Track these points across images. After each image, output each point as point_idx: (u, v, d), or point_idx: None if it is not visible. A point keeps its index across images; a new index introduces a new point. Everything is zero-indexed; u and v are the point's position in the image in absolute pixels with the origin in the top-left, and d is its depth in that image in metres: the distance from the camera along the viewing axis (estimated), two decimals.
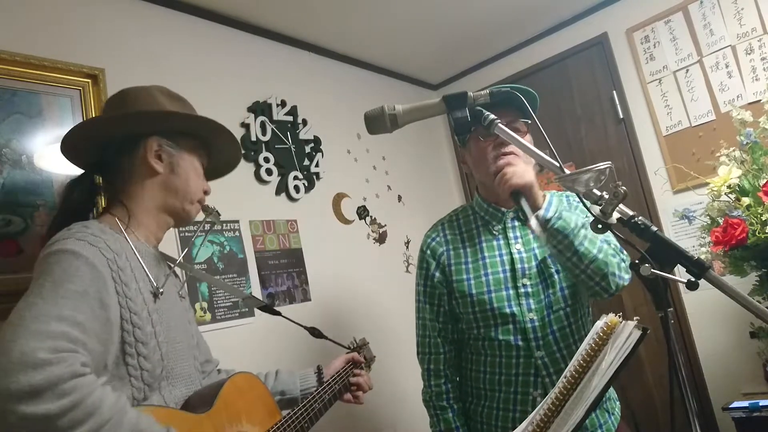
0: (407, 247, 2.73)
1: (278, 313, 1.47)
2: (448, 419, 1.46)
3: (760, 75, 2.29)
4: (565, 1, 2.61)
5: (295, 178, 2.24)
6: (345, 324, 2.27)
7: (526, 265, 1.40)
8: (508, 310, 1.38)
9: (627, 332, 0.83)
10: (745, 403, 1.88)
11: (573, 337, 1.39)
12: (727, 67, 2.37)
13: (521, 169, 1.31)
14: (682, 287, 2.40)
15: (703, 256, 1.90)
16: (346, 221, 2.46)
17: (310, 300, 2.15)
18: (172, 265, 1.19)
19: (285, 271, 2.11)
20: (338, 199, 2.45)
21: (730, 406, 1.92)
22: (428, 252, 1.51)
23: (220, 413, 1.06)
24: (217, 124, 1.20)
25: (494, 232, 1.46)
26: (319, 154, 2.38)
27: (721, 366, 2.30)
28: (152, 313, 1.02)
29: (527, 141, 1.28)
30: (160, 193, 1.13)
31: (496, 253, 1.44)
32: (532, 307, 1.37)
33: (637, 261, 0.82)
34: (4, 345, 0.76)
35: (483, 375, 1.43)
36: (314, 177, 2.34)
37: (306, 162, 2.31)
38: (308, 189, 2.29)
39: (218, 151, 1.27)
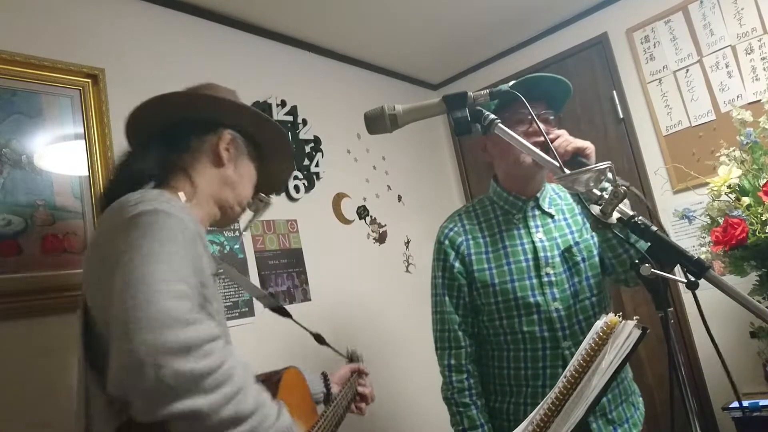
0: (407, 247, 2.73)
1: (289, 316, 1.47)
2: (472, 416, 1.38)
3: (760, 75, 2.29)
4: (565, 1, 2.61)
5: (295, 178, 2.24)
6: (345, 324, 2.27)
7: (548, 254, 1.38)
8: (531, 300, 1.35)
9: (627, 332, 0.83)
10: (745, 403, 1.88)
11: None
12: (727, 67, 2.37)
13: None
14: (682, 287, 2.40)
15: (703, 256, 1.90)
16: (346, 221, 2.46)
17: (310, 300, 2.15)
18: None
19: (285, 271, 2.11)
20: (338, 199, 2.45)
21: (730, 406, 1.92)
22: (446, 242, 1.46)
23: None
24: (284, 132, 1.22)
25: (515, 221, 1.44)
26: (319, 154, 2.38)
27: (721, 366, 2.29)
28: (215, 289, 1.02)
29: (561, 133, 1.29)
30: (218, 185, 1.12)
31: (518, 242, 1.41)
32: (557, 296, 1.35)
33: (637, 261, 0.82)
34: (141, 300, 0.74)
35: (507, 371, 1.40)
36: (314, 177, 2.34)
37: (306, 162, 2.31)
38: (308, 189, 2.29)
39: (271, 164, 1.27)
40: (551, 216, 1.44)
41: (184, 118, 1.13)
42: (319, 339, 1.53)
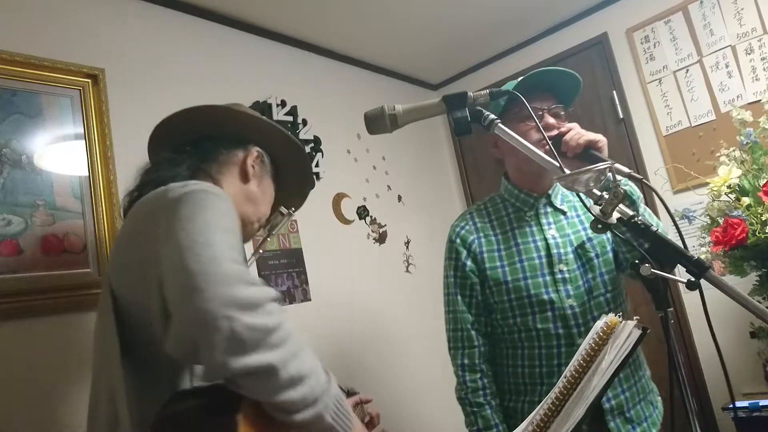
0: (407, 247, 2.73)
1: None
2: (487, 416, 1.37)
3: (760, 75, 2.29)
4: (565, 1, 2.61)
5: None
6: (345, 324, 2.27)
7: (561, 251, 1.37)
8: (545, 297, 1.34)
9: (627, 332, 0.84)
10: (745, 403, 1.88)
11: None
12: (727, 67, 2.37)
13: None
14: (682, 287, 2.40)
15: (703, 256, 1.90)
16: (346, 221, 2.46)
17: (310, 300, 2.15)
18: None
19: (285, 271, 2.11)
20: (338, 199, 2.45)
21: (730, 406, 1.92)
22: (458, 241, 1.46)
23: None
24: (310, 166, 1.26)
25: (526, 218, 1.43)
26: (319, 154, 2.38)
27: (721, 366, 2.29)
28: None
29: (573, 126, 1.30)
30: (241, 199, 1.14)
31: (530, 239, 1.41)
32: (571, 293, 1.34)
33: (637, 261, 0.82)
34: (209, 258, 0.75)
35: (522, 369, 1.39)
36: (314, 177, 2.33)
37: None
38: None
39: (282, 195, 1.29)
40: (563, 213, 1.44)
41: (214, 133, 1.15)
42: None
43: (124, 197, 1.10)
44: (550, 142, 1.01)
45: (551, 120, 1.35)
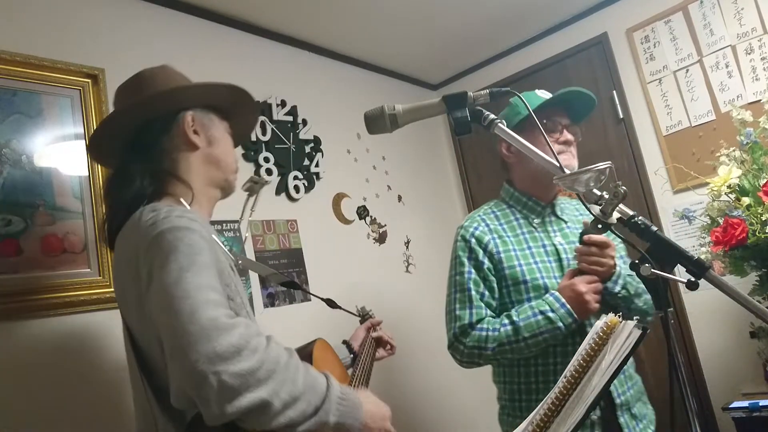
0: (407, 247, 2.73)
1: (300, 287, 1.58)
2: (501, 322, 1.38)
3: (760, 75, 2.29)
4: (565, 1, 2.61)
5: (295, 178, 2.24)
6: (344, 324, 2.27)
7: (569, 256, 1.44)
8: None
9: (627, 332, 0.84)
10: (745, 403, 1.88)
11: None
12: (727, 67, 2.37)
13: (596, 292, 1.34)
14: (682, 287, 2.40)
15: (703, 256, 1.89)
16: (346, 221, 2.46)
17: (309, 300, 2.15)
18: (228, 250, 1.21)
19: (285, 271, 2.10)
20: (338, 199, 2.45)
21: (730, 406, 1.92)
22: (473, 240, 1.47)
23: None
24: (243, 89, 1.22)
25: (534, 225, 1.50)
26: (319, 154, 2.38)
27: (721, 366, 2.30)
28: (237, 285, 1.06)
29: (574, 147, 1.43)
30: (204, 167, 1.14)
31: (540, 243, 1.47)
32: None
33: (637, 261, 0.82)
34: (187, 315, 0.81)
35: (535, 367, 1.40)
36: (314, 177, 2.34)
37: (306, 162, 2.31)
38: (308, 189, 2.29)
39: (236, 118, 1.28)
40: (565, 222, 1.52)
41: (143, 123, 1.13)
42: (331, 304, 1.61)
43: (101, 227, 1.14)
44: (551, 146, 1.02)
45: (569, 136, 1.46)
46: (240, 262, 1.21)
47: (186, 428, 0.90)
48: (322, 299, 1.61)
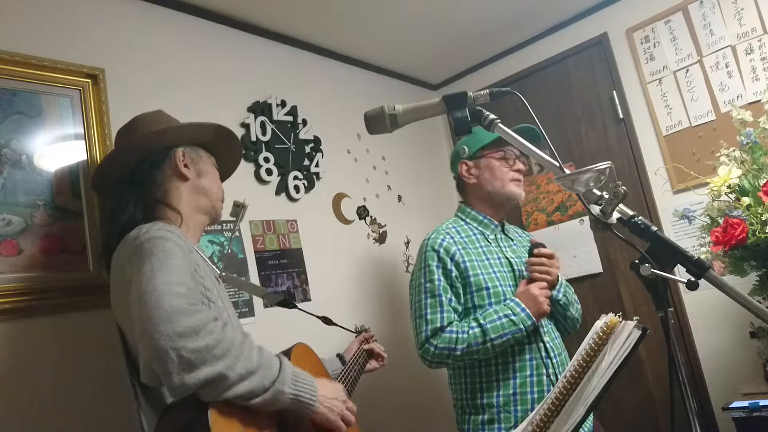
0: (407, 247, 2.73)
1: (295, 306, 1.60)
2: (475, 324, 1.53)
3: (760, 75, 2.29)
4: (565, 1, 2.61)
5: (295, 178, 2.24)
6: (344, 324, 2.27)
7: (521, 267, 1.66)
8: None
9: (627, 332, 0.84)
10: (745, 403, 1.88)
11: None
12: (727, 67, 2.37)
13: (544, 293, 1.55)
14: (682, 287, 2.40)
15: (703, 256, 1.89)
16: (346, 221, 2.46)
17: (310, 300, 2.15)
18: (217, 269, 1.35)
19: (285, 271, 2.10)
20: (338, 199, 2.45)
21: (730, 406, 1.91)
22: (441, 251, 1.62)
23: None
24: (227, 129, 1.39)
25: (488, 240, 1.70)
26: (319, 154, 2.38)
27: (721, 366, 2.29)
28: (220, 291, 1.22)
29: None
30: (194, 196, 1.30)
31: (496, 256, 1.67)
32: None
33: (637, 261, 0.82)
34: (153, 303, 0.94)
35: (495, 366, 1.56)
36: (314, 177, 2.33)
37: (306, 162, 2.31)
38: (308, 189, 2.29)
39: (222, 156, 1.44)
40: (512, 239, 1.77)
41: (138, 160, 1.29)
42: (327, 321, 1.67)
43: (101, 248, 1.33)
44: (551, 146, 1.02)
45: (521, 166, 1.72)
46: (224, 274, 1.35)
47: (163, 411, 1.03)
48: (318, 317, 1.65)
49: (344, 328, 1.73)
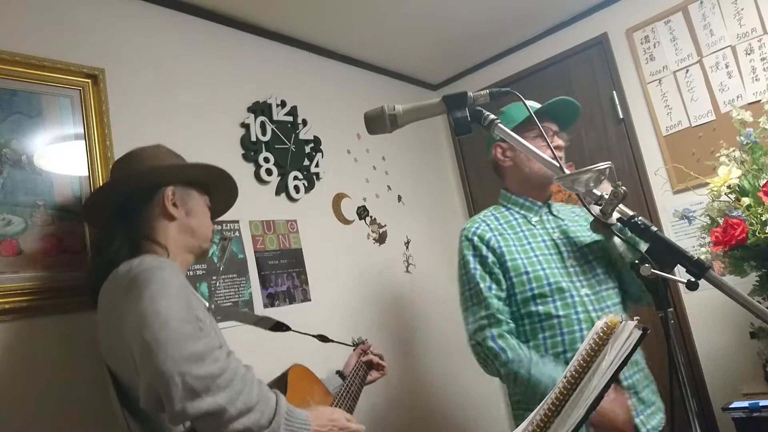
0: (407, 247, 2.73)
1: (289, 329, 1.59)
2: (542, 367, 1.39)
3: (760, 75, 2.29)
4: (565, 1, 2.61)
5: (295, 178, 2.24)
6: (345, 324, 2.27)
7: (568, 248, 1.53)
8: (564, 285, 1.46)
9: (627, 332, 0.83)
10: (745, 404, 1.88)
11: (627, 313, 1.55)
12: (727, 67, 2.37)
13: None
14: (682, 287, 2.40)
15: (703, 256, 1.89)
16: (346, 221, 2.46)
17: (310, 300, 2.15)
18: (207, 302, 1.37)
19: (285, 271, 2.10)
20: (338, 199, 2.45)
21: (730, 407, 1.91)
22: (475, 239, 1.55)
23: (294, 396, 1.29)
24: (219, 168, 1.37)
25: (532, 223, 1.59)
26: (319, 154, 2.38)
27: (721, 366, 2.29)
28: (212, 323, 1.20)
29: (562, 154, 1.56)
30: (181, 235, 1.29)
31: (539, 239, 1.56)
32: (584, 283, 1.48)
33: (637, 261, 0.82)
34: (158, 326, 0.94)
35: (546, 356, 1.45)
36: (314, 177, 2.33)
37: (306, 162, 2.31)
38: (308, 189, 2.29)
39: (216, 195, 1.45)
40: (562, 219, 1.62)
41: (129, 194, 1.29)
42: (323, 339, 1.67)
43: (87, 282, 1.30)
44: (551, 146, 1.02)
45: (560, 141, 1.60)
46: (212, 306, 1.39)
47: None
48: (314, 336, 1.66)
49: (341, 343, 1.72)
